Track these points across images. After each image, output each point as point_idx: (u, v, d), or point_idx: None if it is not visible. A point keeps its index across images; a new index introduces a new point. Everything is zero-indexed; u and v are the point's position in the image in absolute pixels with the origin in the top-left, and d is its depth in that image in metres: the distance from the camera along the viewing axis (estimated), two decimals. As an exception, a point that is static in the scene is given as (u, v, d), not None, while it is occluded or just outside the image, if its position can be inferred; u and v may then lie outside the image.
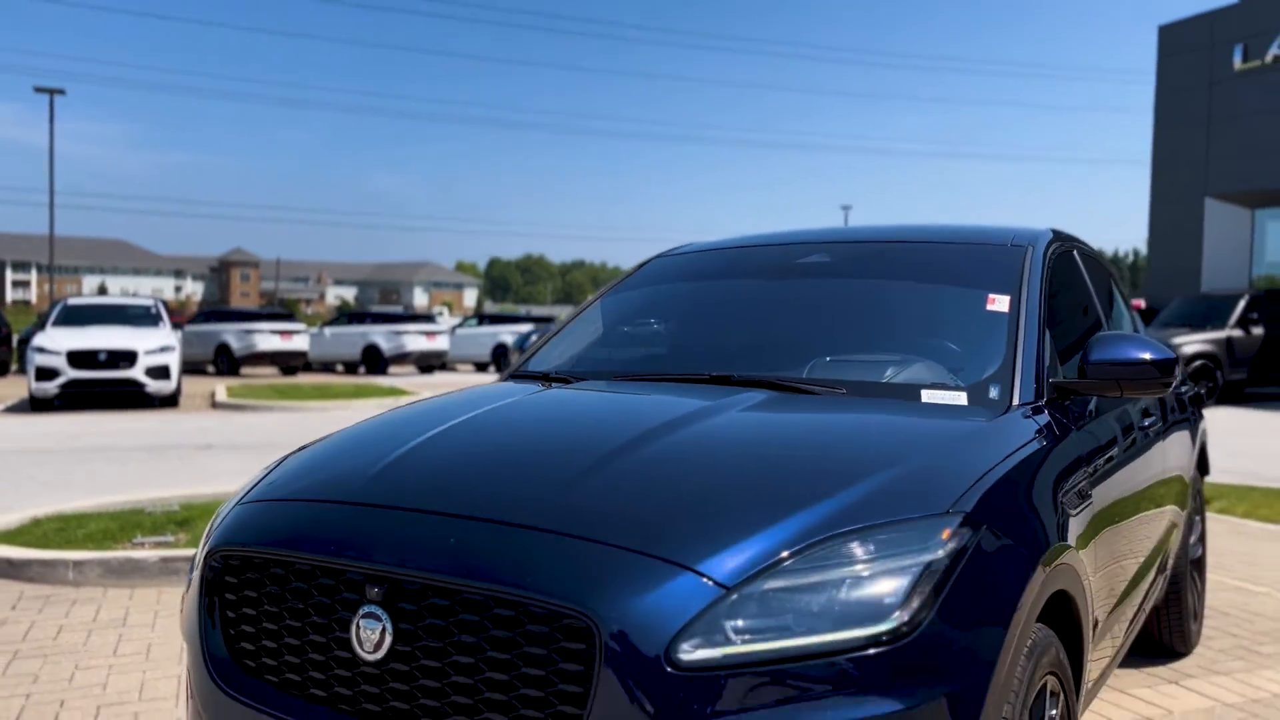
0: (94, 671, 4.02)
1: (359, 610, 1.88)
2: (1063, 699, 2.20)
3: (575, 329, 3.55)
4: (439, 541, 1.89)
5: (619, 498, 1.96)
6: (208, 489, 7.63)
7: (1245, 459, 10.60)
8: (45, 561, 5.35)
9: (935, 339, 2.93)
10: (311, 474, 2.31)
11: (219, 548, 2.15)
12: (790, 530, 1.82)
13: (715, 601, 1.71)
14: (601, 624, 1.68)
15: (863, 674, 1.69)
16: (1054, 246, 3.24)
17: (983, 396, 2.58)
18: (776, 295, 3.24)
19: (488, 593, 1.78)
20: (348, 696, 1.90)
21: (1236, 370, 17.58)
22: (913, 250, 3.32)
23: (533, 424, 2.56)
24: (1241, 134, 22.52)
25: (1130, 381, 2.68)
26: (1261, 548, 6.29)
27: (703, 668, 1.66)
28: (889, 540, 1.83)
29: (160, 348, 15.46)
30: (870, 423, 2.41)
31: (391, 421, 2.62)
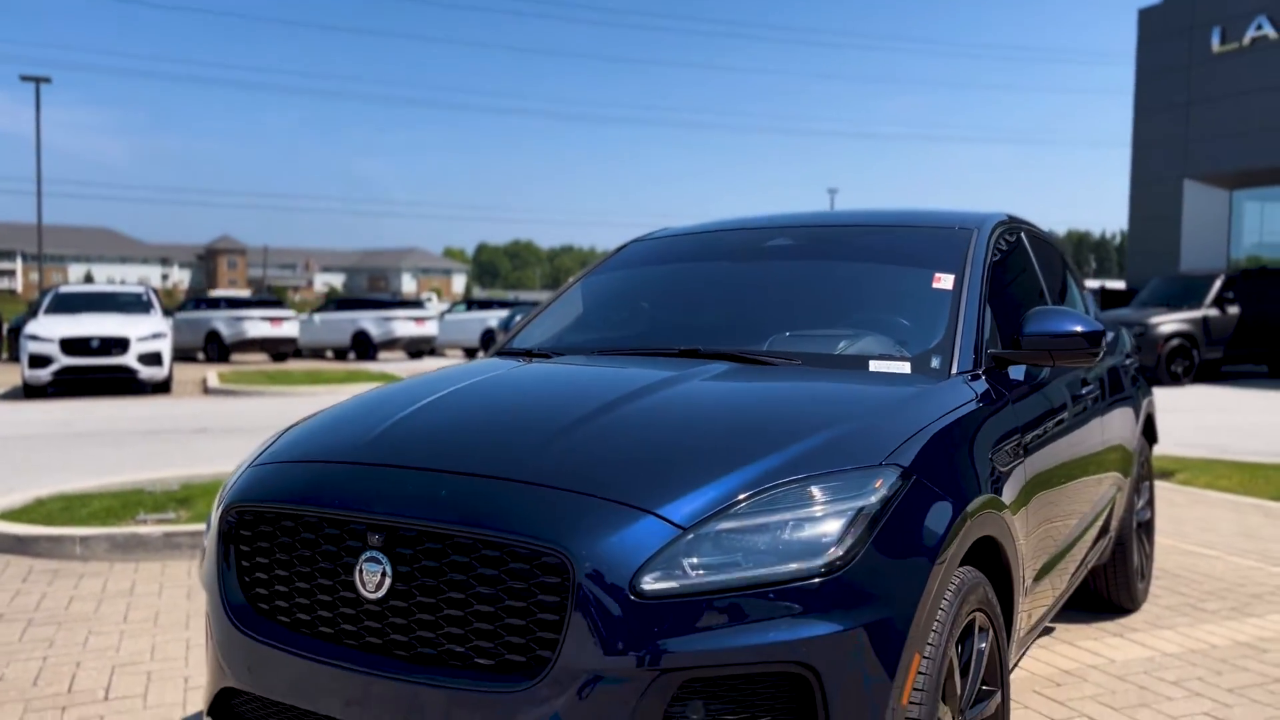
0: (106, 636, 4.27)
1: (361, 555, 2.13)
2: (992, 634, 2.46)
3: (556, 309, 3.79)
4: (432, 494, 2.14)
5: (590, 453, 2.21)
6: (205, 470, 7.87)
7: (1215, 434, 10.92)
8: (52, 537, 5.58)
9: (886, 315, 3.18)
10: (316, 439, 2.55)
11: (235, 504, 2.39)
12: (741, 479, 2.08)
13: (673, 540, 1.96)
14: (575, 560, 1.93)
15: (802, 602, 1.94)
16: (999, 230, 3.50)
17: (925, 365, 2.84)
18: (742, 276, 3.49)
19: (475, 536, 2.03)
20: (352, 632, 2.15)
21: (1213, 349, 17.90)
22: (868, 234, 3.58)
23: (515, 392, 2.81)
24: (1220, 116, 22.81)
25: (1061, 352, 2.94)
26: (1218, 515, 6.59)
27: (662, 596, 1.91)
28: (828, 488, 2.08)
29: (152, 334, 15.65)
30: (819, 389, 2.67)
31: (387, 393, 2.87)
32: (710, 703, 1.91)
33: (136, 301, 17.11)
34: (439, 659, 2.03)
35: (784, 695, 1.93)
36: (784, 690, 1.93)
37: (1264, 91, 21.96)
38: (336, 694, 2.13)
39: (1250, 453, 9.34)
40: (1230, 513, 6.68)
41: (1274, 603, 4.66)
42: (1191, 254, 23.62)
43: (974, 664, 2.39)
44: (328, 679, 2.14)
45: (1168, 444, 9.91)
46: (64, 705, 3.53)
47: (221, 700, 2.39)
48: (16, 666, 3.91)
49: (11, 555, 5.59)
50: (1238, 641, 4.13)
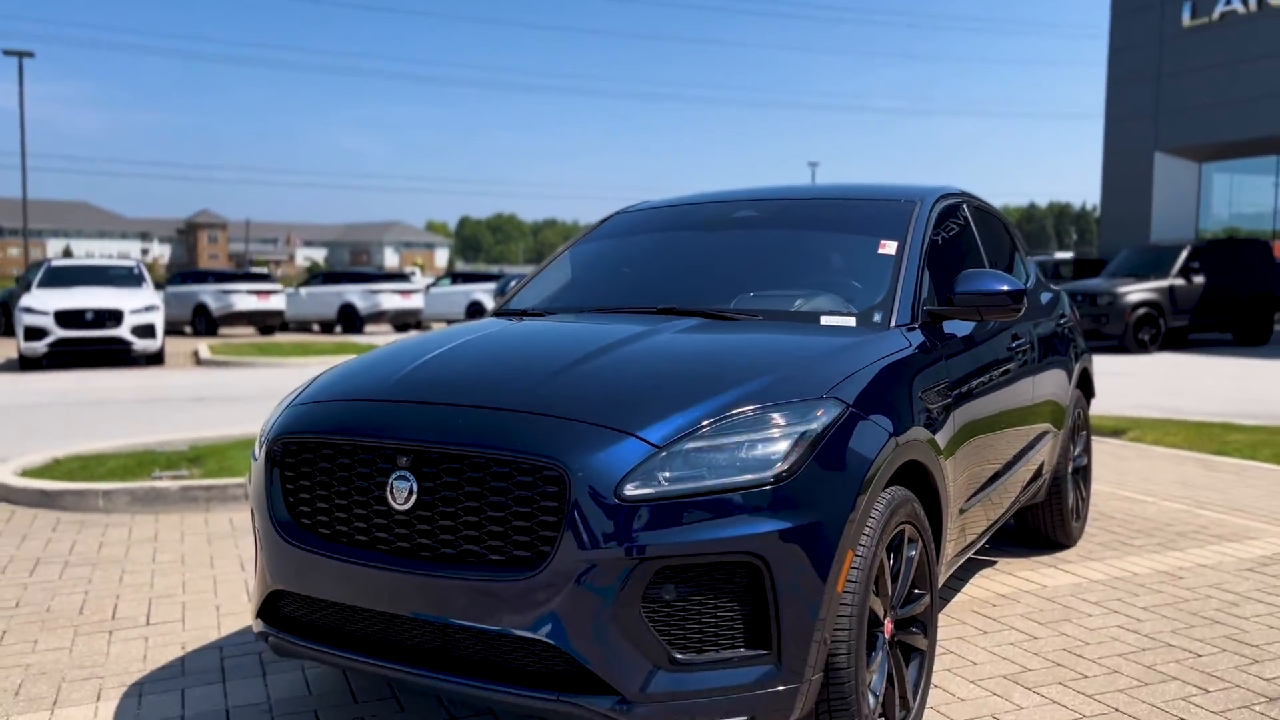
0: (139, 574, 4.70)
1: (392, 475, 2.56)
2: (921, 546, 2.92)
3: (548, 275, 4.22)
4: (451, 423, 2.57)
5: (582, 388, 2.65)
6: (210, 433, 8.28)
7: (1172, 397, 11.47)
8: (76, 491, 5.99)
9: (838, 277, 3.63)
10: (348, 382, 2.98)
11: (280, 436, 2.81)
12: (706, 409, 2.52)
13: (650, 457, 2.40)
14: (570, 473, 2.37)
15: (754, 505, 2.39)
16: (942, 203, 3.94)
17: (868, 320, 3.29)
18: (712, 244, 3.93)
19: (488, 456, 2.46)
20: (384, 539, 2.58)
21: (1179, 317, 18.48)
22: (824, 206, 4.02)
23: (516, 342, 3.25)
24: (1190, 90, 23.31)
25: (988, 308, 3.39)
26: (1160, 467, 7.10)
27: (641, 500, 2.35)
28: (778, 415, 2.53)
29: (145, 307, 15.97)
30: (775, 339, 3.12)
31: (404, 345, 3.29)
32: (680, 585, 2.36)
33: (128, 275, 17.40)
34: (458, 557, 2.48)
35: (740, 580, 2.39)
36: (740, 576, 2.38)
37: (1233, 65, 22.47)
38: (371, 590, 2.57)
39: (1201, 414, 9.87)
40: (1171, 465, 7.19)
41: (1196, 540, 5.16)
42: (1162, 225, 24.20)
43: (904, 568, 2.85)
44: (364, 578, 2.58)
45: (1125, 405, 10.45)
46: (110, 629, 3.96)
47: (270, 602, 2.83)
48: (61, 599, 4.34)
49: (38, 509, 6.00)
50: (1157, 571, 4.63)
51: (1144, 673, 3.44)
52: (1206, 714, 3.12)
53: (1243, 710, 3.14)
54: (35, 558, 4.98)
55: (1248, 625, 3.90)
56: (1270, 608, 4.10)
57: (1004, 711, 3.15)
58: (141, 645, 3.79)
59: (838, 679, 2.50)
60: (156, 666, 3.58)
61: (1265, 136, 22.14)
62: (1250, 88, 22.03)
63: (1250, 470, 6.97)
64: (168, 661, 3.63)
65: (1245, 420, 9.25)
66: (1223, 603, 4.17)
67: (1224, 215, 25.43)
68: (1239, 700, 3.22)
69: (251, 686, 3.40)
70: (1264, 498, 6.11)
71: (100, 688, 3.39)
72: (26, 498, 6.09)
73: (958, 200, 4.18)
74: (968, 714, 3.13)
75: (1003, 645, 3.71)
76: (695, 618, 2.37)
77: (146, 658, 3.66)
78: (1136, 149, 24.50)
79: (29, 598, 4.36)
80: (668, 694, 2.33)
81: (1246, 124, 22.14)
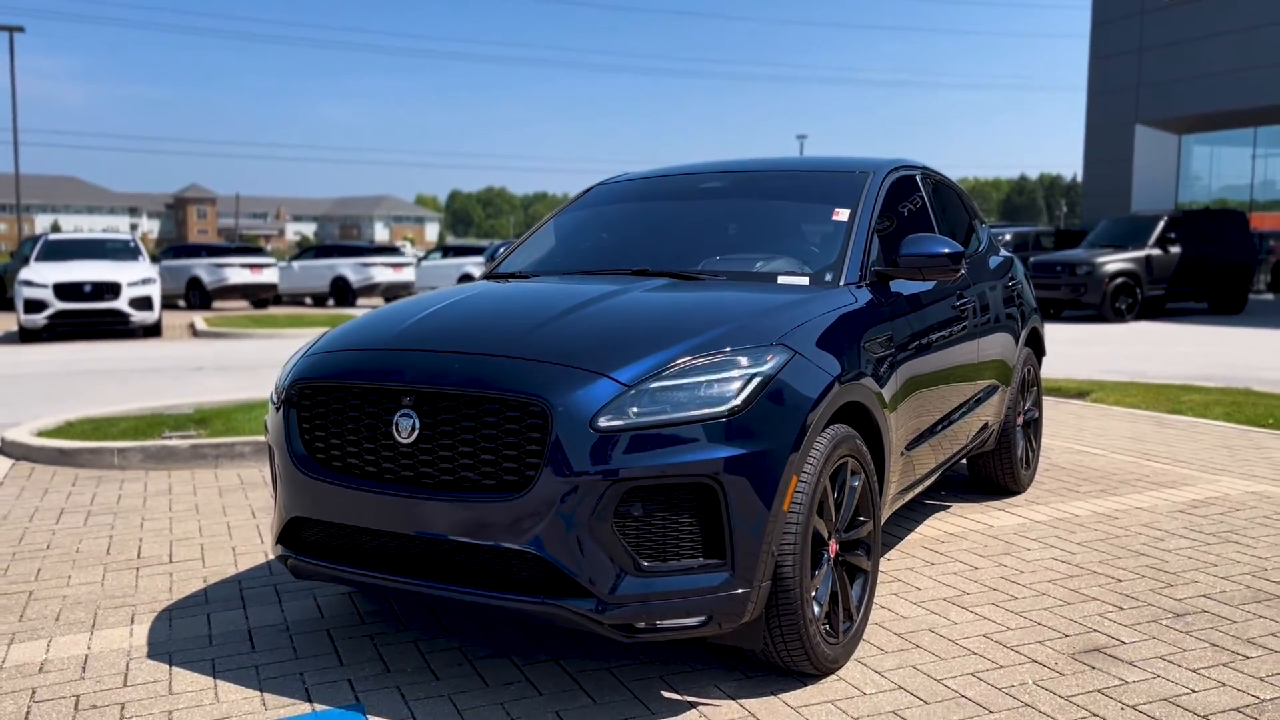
0: (158, 521, 5.08)
1: (396, 413, 2.93)
2: (864, 478, 3.31)
3: (533, 242, 4.59)
4: (448, 367, 2.95)
5: (563, 337, 3.03)
6: (214, 398, 8.64)
7: (1140, 362, 11.90)
8: (92, 449, 6.36)
9: (796, 242, 4.01)
10: (355, 334, 3.36)
11: (297, 381, 3.18)
12: (671, 354, 2.90)
13: (620, 394, 2.78)
14: (552, 408, 2.75)
15: (711, 435, 2.77)
16: (895, 174, 4.32)
17: (820, 279, 3.67)
18: (683, 212, 4.31)
19: (480, 395, 2.84)
20: (390, 469, 2.96)
21: (1155, 287, 18.91)
22: (786, 177, 4.40)
23: (504, 300, 3.63)
24: (1170, 62, 23.65)
25: (929, 268, 3.77)
26: (1115, 425, 7.52)
27: (612, 430, 2.73)
28: (734, 360, 2.91)
29: (142, 279, 16.26)
30: (735, 295, 3.49)
31: (404, 304, 3.66)
32: (647, 504, 2.74)
33: (125, 248, 17.69)
34: (455, 483, 2.86)
35: (698, 499, 2.77)
36: (698, 496, 2.77)
37: (1213, 38, 22.80)
38: (380, 513, 2.95)
39: (1165, 377, 10.29)
40: (1126, 422, 7.61)
41: (1137, 487, 5.58)
42: (1142, 196, 24.61)
43: (848, 496, 3.25)
44: (372, 503, 2.96)
45: (1094, 371, 10.87)
46: (136, 567, 4.35)
47: (290, 529, 3.22)
48: (88, 542, 4.72)
49: (56, 467, 6.37)
50: (1096, 512, 5.05)
51: (1068, 595, 3.86)
52: (1118, 626, 3.53)
53: (1151, 624, 3.56)
54: (59, 508, 5.35)
55: (1169, 557, 4.31)
56: (1192, 543, 4.51)
57: (940, 626, 3.55)
58: (166, 580, 4.17)
59: (784, 586, 2.89)
60: (182, 596, 3.97)
61: (1243, 108, 22.52)
62: (1229, 60, 22.38)
63: (1200, 426, 7.39)
64: (192, 592, 4.01)
65: (1206, 383, 9.67)
66: (1150, 539, 4.58)
67: (1203, 186, 25.83)
68: (1149, 616, 3.63)
69: (269, 611, 3.79)
70: (1206, 450, 6.53)
71: (133, 613, 3.78)
72: (45, 456, 6.46)
73: (912, 172, 4.55)
74: (908, 628, 3.54)
75: (946, 574, 4.12)
76: (659, 531, 2.76)
77: (172, 589, 4.05)
78: (1118, 121, 24.85)
79: (58, 541, 4.73)
80: (636, 596, 2.73)
81: (1225, 96, 22.51)
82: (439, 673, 3.20)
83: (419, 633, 3.53)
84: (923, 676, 3.13)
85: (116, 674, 3.23)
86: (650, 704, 2.96)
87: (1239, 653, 3.29)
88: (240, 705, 3.00)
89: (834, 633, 3.14)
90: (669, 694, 3.02)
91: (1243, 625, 3.53)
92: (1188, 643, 3.38)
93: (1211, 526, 4.77)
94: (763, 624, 2.94)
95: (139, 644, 3.47)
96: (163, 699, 3.04)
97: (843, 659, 3.18)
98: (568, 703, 2.97)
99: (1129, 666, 3.19)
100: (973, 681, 3.09)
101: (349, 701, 3.01)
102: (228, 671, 3.24)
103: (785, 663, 3.04)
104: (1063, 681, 3.09)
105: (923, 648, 3.36)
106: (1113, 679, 3.10)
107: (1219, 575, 4.07)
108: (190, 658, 3.35)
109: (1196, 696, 2.98)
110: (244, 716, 2.92)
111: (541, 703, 2.97)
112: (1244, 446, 6.66)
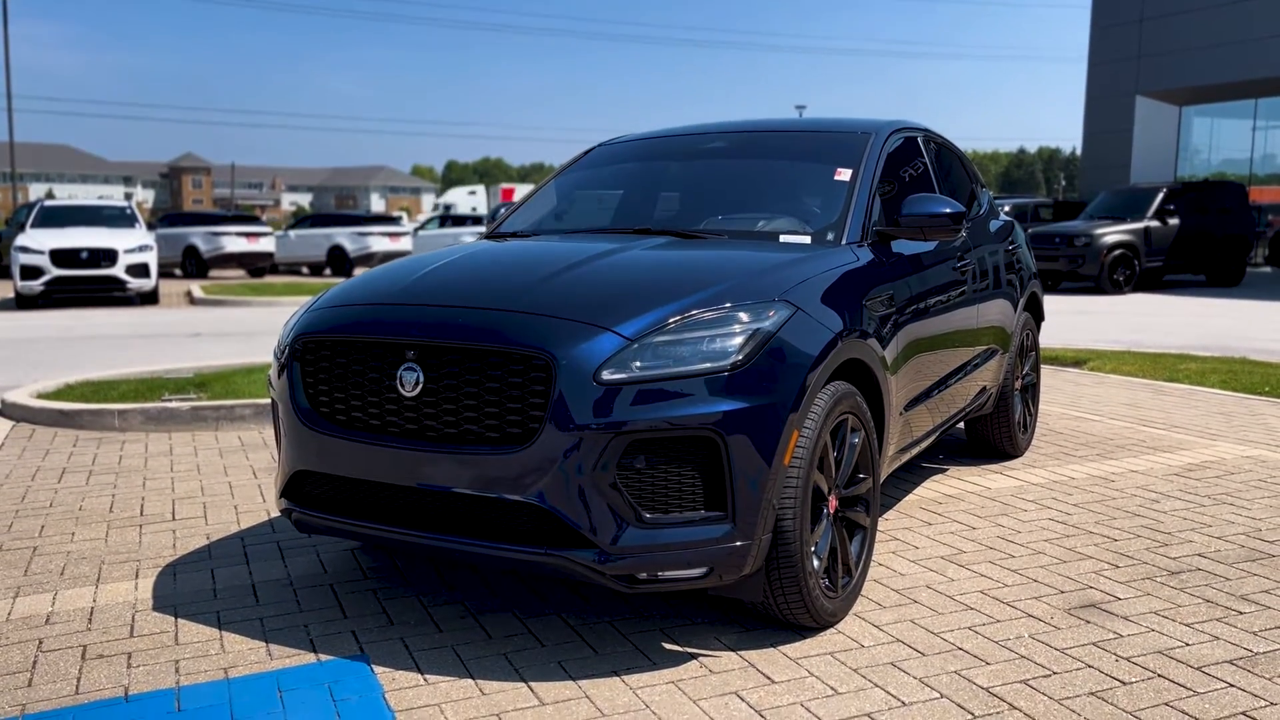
0: (160, 480, 5.10)
1: (400, 367, 2.95)
2: (864, 435, 3.33)
3: (535, 203, 4.59)
4: (452, 321, 2.96)
5: (566, 292, 3.04)
6: (213, 363, 8.65)
7: (1137, 333, 11.93)
8: (93, 411, 6.37)
9: (798, 201, 4.01)
10: (360, 290, 3.36)
11: (302, 335, 3.19)
12: (673, 309, 2.91)
13: (623, 348, 2.80)
14: (556, 361, 2.77)
15: (712, 389, 2.79)
16: (897, 135, 4.31)
17: (822, 238, 3.68)
18: (685, 172, 4.31)
19: (485, 349, 2.85)
20: (394, 423, 2.97)
21: (1153, 259, 18.90)
22: (789, 138, 4.39)
23: (506, 256, 3.63)
24: (1172, 33, 23.52)
25: (931, 228, 3.78)
26: (1112, 392, 7.55)
27: (616, 383, 2.75)
28: (735, 314, 2.92)
29: (139, 246, 16.22)
30: (736, 253, 3.50)
31: (407, 261, 3.66)
32: (649, 456, 2.76)
33: (121, 215, 17.62)
34: (459, 436, 2.87)
35: (700, 452, 2.79)
36: (700, 449, 2.79)
37: (1215, 8, 22.67)
38: (384, 466, 2.97)
39: (1161, 347, 10.32)
40: (1123, 390, 7.64)
41: (1133, 451, 5.62)
42: (1142, 168, 24.54)
43: (847, 452, 3.27)
44: (377, 456, 2.98)
45: (1091, 340, 10.90)
46: (140, 524, 4.37)
47: (294, 482, 3.24)
48: (91, 500, 4.74)
49: (57, 428, 6.39)
50: (1092, 475, 5.08)
51: (1064, 553, 3.89)
52: (1114, 583, 3.57)
53: (1145, 581, 3.60)
54: (61, 468, 5.37)
55: (1164, 518, 4.35)
56: (1187, 504, 4.55)
57: (938, 583, 3.59)
58: (170, 536, 4.20)
59: (784, 540, 2.92)
60: (186, 552, 3.99)
61: (1244, 80, 22.42)
62: (1231, 31, 22.27)
63: (1196, 394, 7.43)
64: (195, 548, 4.04)
65: (1203, 353, 9.70)
66: (1145, 500, 4.62)
67: (1203, 160, 25.77)
68: (1143, 574, 3.67)
69: (272, 566, 3.82)
70: (1203, 417, 6.57)
71: (137, 568, 3.81)
72: (45, 417, 6.47)
73: (914, 134, 4.55)
74: (906, 584, 3.58)
75: (943, 534, 4.15)
76: (662, 484, 2.79)
77: (176, 546, 4.07)
78: (1118, 92, 24.75)
79: (61, 499, 4.76)
80: (639, 547, 2.75)
81: (1227, 67, 22.41)
82: (442, 625, 3.23)
83: (422, 588, 3.56)
84: (920, 630, 3.17)
85: (123, 625, 3.26)
86: (651, 655, 3.00)
87: (1233, 608, 3.33)
88: (246, 655, 3.03)
89: (833, 587, 3.17)
90: (670, 645, 3.06)
91: (1237, 583, 3.57)
92: (1182, 599, 3.42)
93: (1207, 489, 4.81)
94: (763, 576, 2.97)
95: (144, 597, 3.50)
96: (169, 649, 3.08)
97: (841, 613, 3.21)
98: (570, 654, 3.01)
99: (1124, 621, 3.23)
100: (969, 635, 3.13)
101: (353, 652, 3.04)
102: (233, 623, 3.27)
103: (785, 615, 3.07)
104: (1058, 635, 3.12)
105: (920, 603, 3.40)
106: (1108, 633, 3.14)
107: (1214, 535, 4.10)
108: (195, 610, 3.38)
109: (1190, 649, 3.02)
110: (250, 666, 2.96)
111: (544, 654, 3.01)
112: (1240, 413, 6.69)
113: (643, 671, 2.89)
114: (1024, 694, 2.74)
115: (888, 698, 2.73)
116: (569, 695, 2.75)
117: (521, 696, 2.75)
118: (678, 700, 2.72)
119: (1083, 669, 2.89)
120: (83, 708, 2.72)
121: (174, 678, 2.89)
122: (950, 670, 2.89)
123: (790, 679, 2.84)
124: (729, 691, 2.77)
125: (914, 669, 2.90)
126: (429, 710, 2.68)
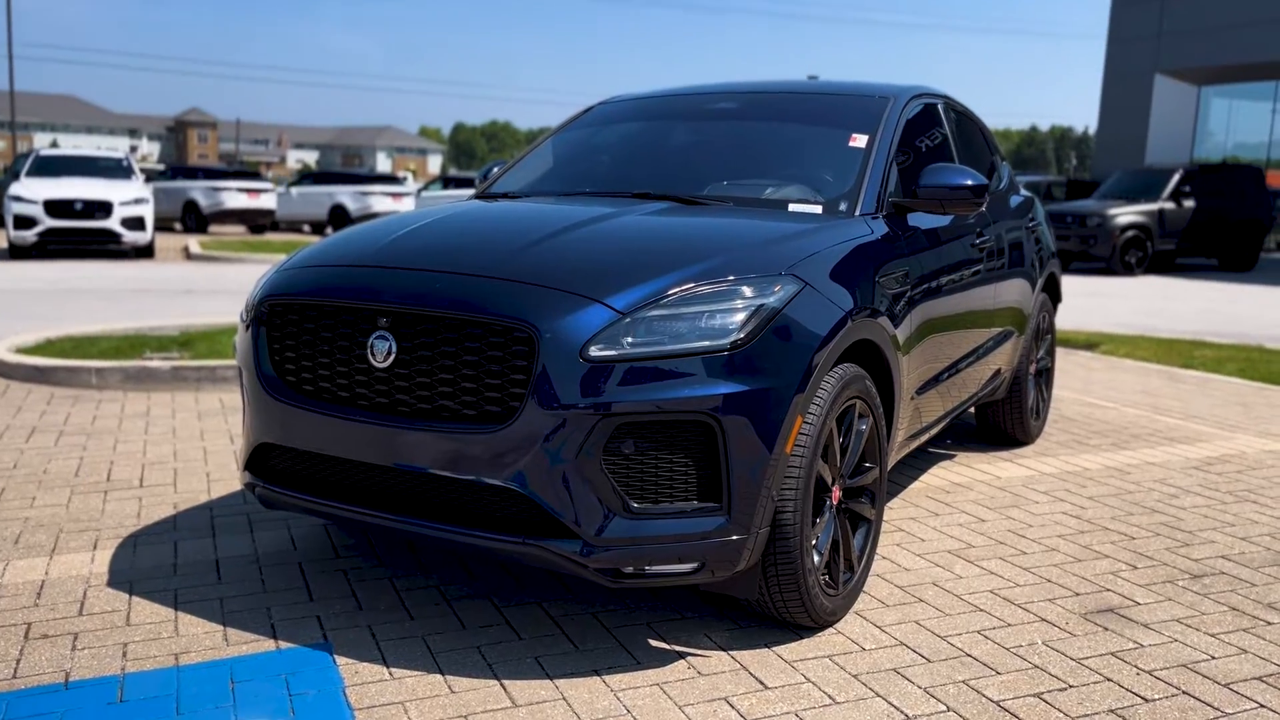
0: (132, 444, 4.88)
1: (372, 335, 2.71)
2: (872, 421, 3.10)
3: (529, 162, 4.32)
4: (429, 287, 2.71)
5: (553, 259, 2.79)
6: (200, 320, 8.41)
7: (1150, 317, 11.66)
8: (69, 368, 6.15)
9: (809, 168, 3.75)
10: (334, 250, 3.11)
11: (268, 297, 2.95)
12: (670, 280, 2.66)
13: (614, 322, 2.55)
14: (540, 334, 2.52)
15: (710, 370, 2.55)
16: (915, 101, 4.04)
17: (834, 209, 3.42)
18: (689, 134, 4.04)
19: (463, 318, 2.61)
20: (364, 395, 2.74)
21: (1166, 241, 18.56)
22: (801, 100, 4.11)
23: (493, 218, 3.37)
24: (1193, 12, 23.01)
25: (950, 201, 3.52)
26: (1126, 378, 7.31)
27: (604, 360, 2.51)
28: (736, 289, 2.67)
29: (135, 199, 15.92)
30: (740, 222, 3.25)
31: (387, 220, 3.41)
32: (639, 441, 2.53)
33: (117, 167, 17.30)
34: (434, 412, 2.64)
35: (694, 438, 2.56)
36: (694, 434, 2.56)
37: (1239, -13, 22.14)
38: (353, 442, 2.74)
39: (1175, 332, 10.06)
40: (1137, 376, 7.40)
41: (1148, 440, 5.38)
42: (1158, 148, 24.11)
43: (854, 440, 3.03)
44: (346, 431, 2.74)
45: (1103, 323, 10.64)
46: (105, 490, 4.15)
47: (258, 455, 3.01)
48: (58, 463, 4.52)
49: (32, 384, 6.16)
50: (1107, 466, 4.85)
51: (1080, 551, 3.67)
52: (1132, 586, 3.35)
53: (1166, 584, 3.37)
54: (31, 426, 5.15)
55: (1184, 515, 4.12)
56: (1208, 500, 4.32)
57: (944, 580, 3.37)
58: (135, 504, 3.98)
59: (784, 534, 2.69)
60: (150, 522, 3.78)
61: (1266, 61, 21.95)
62: (1254, 11, 21.76)
63: (1212, 382, 7.18)
64: (160, 519, 3.82)
65: (1217, 339, 9.44)
66: (1164, 495, 4.39)
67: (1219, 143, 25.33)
68: (1164, 576, 3.44)
69: (240, 541, 3.60)
70: (1219, 406, 6.33)
71: (97, 539, 3.59)
72: (21, 373, 6.24)
73: (934, 100, 4.28)
74: (911, 581, 3.36)
75: (951, 526, 3.93)
76: (652, 471, 2.55)
77: (140, 515, 3.86)
78: (1137, 70, 24.27)
79: (25, 461, 4.54)
80: (625, 539, 2.53)
81: (1248, 48, 21.93)
82: (414, 612, 3.02)
83: (395, 569, 3.35)
84: (926, 633, 2.95)
85: (73, 602, 3.05)
86: (635, 653, 2.78)
87: (1260, 618, 3.11)
88: (200, 640, 2.82)
89: (833, 584, 2.95)
90: (656, 642, 2.84)
91: (1264, 589, 3.35)
92: (1206, 605, 3.20)
93: (1228, 485, 4.58)
94: (759, 572, 2.75)
95: (99, 571, 3.29)
96: (119, 630, 2.86)
97: (841, 612, 3.00)
98: (548, 648, 2.79)
99: (1144, 629, 3.01)
100: (979, 640, 2.91)
101: (316, 640, 2.83)
102: (190, 603, 3.05)
103: (781, 614, 2.86)
104: (1074, 643, 2.91)
105: (926, 602, 3.18)
106: (1128, 642, 2.92)
107: (1237, 536, 3.88)
108: (152, 587, 3.17)
109: (1216, 663, 2.80)
110: (203, 652, 2.75)
111: (520, 648, 2.80)
112: (1259, 404, 6.45)
113: (625, 671, 2.68)
114: (1038, 710, 2.52)
115: (890, 710, 2.51)
116: (544, 696, 2.54)
117: (493, 696, 2.54)
118: (662, 705, 2.51)
119: (1101, 682, 2.67)
120: (17, 694, 2.51)
121: (120, 663, 2.68)
122: (958, 679, 2.67)
123: (785, 684, 2.63)
124: (718, 697, 2.56)
125: (919, 677, 2.68)
126: (392, 709, 2.47)
